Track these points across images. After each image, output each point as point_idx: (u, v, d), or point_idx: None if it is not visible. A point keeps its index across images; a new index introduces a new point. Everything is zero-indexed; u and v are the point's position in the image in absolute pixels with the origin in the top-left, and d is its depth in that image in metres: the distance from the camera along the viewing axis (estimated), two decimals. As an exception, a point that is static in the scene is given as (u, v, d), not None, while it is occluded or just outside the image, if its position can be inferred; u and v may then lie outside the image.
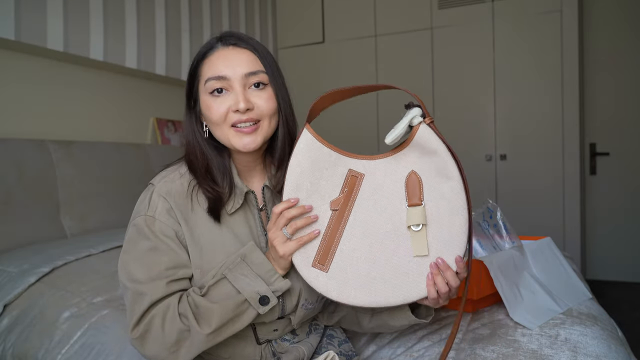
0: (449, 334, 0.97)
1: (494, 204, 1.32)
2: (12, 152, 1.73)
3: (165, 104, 2.71)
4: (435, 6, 3.27)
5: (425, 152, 0.79)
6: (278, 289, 0.80)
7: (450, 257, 0.78)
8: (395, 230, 0.80)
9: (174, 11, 2.65)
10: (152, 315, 0.80)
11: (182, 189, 0.87)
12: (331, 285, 0.79)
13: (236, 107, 0.81)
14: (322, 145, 0.83)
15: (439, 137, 0.79)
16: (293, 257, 0.81)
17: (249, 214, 0.89)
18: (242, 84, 0.83)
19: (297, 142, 0.83)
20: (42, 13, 1.90)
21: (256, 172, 0.93)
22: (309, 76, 3.60)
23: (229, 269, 0.80)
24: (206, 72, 0.84)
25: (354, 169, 0.82)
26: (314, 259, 0.80)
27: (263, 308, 0.79)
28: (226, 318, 0.79)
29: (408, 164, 0.81)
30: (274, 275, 0.80)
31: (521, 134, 3.14)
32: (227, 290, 0.79)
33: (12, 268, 1.43)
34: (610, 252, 3.39)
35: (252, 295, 0.78)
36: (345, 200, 0.81)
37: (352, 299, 0.79)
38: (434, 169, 0.79)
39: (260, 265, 0.80)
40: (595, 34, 3.33)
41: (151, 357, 0.81)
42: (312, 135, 0.83)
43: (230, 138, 0.84)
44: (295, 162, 0.82)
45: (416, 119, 0.79)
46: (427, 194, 0.79)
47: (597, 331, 0.98)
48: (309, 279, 0.80)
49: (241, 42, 0.86)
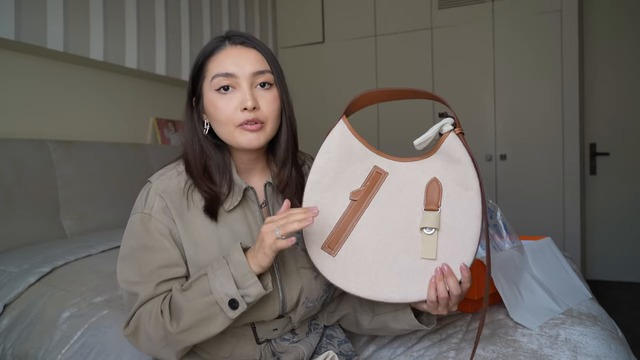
0: (476, 333, 0.98)
1: (494, 204, 1.31)
2: (12, 152, 1.73)
3: (165, 104, 2.71)
4: (435, 6, 3.27)
5: (450, 160, 0.81)
6: (249, 294, 0.75)
7: (456, 265, 0.79)
8: (408, 229, 0.81)
9: (174, 11, 2.65)
10: (140, 313, 0.81)
11: (179, 187, 0.87)
12: (336, 270, 0.81)
13: (244, 105, 0.82)
14: (355, 138, 0.86)
15: (465, 148, 0.80)
16: (305, 234, 0.82)
17: (247, 211, 0.89)
18: (249, 82, 0.84)
19: (332, 129, 0.86)
20: (42, 13, 1.90)
21: (256, 171, 0.93)
22: (309, 76, 3.60)
23: (212, 266, 0.78)
24: (213, 69, 0.84)
25: (379, 166, 0.85)
26: (324, 241, 0.82)
27: (233, 312, 0.75)
28: (196, 318, 0.76)
29: (432, 170, 0.83)
30: (250, 279, 0.75)
31: (521, 134, 3.14)
32: (203, 287, 0.77)
33: (12, 268, 1.43)
34: (610, 252, 3.39)
35: (222, 297, 0.75)
36: (365, 193, 0.84)
37: (353, 288, 0.81)
38: (455, 178, 0.81)
39: (238, 267, 0.76)
40: (595, 34, 3.33)
41: (146, 352, 0.84)
42: (347, 127, 0.87)
43: (236, 136, 0.84)
44: (326, 148, 0.85)
45: (446, 127, 0.82)
46: (445, 201, 0.81)
47: (597, 331, 0.98)
48: (316, 260, 0.82)
49: (249, 42, 0.87)
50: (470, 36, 3.21)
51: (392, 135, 3.39)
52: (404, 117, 3.33)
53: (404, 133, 3.29)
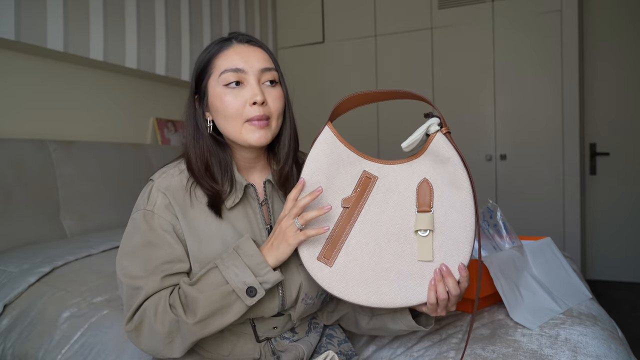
0: (467, 333, 0.97)
1: (494, 204, 1.31)
2: (12, 152, 1.73)
3: (165, 104, 2.71)
4: (435, 6, 3.27)
5: (439, 160, 0.81)
6: (266, 281, 0.79)
7: (453, 265, 0.78)
8: (403, 233, 0.81)
9: (174, 11, 2.65)
10: (145, 307, 0.81)
11: (181, 185, 0.88)
12: (334, 280, 0.80)
13: (254, 99, 0.83)
14: (341, 144, 0.85)
15: (453, 147, 0.80)
16: (300, 248, 0.82)
17: (248, 208, 0.90)
18: (257, 78, 0.85)
19: (317, 138, 0.85)
20: (42, 13, 1.90)
21: (256, 169, 0.94)
22: (309, 76, 3.60)
23: (221, 259, 0.80)
24: (222, 65, 0.86)
25: (368, 170, 0.84)
26: (320, 252, 0.81)
27: (250, 299, 0.78)
28: (213, 308, 0.78)
29: (421, 171, 0.82)
30: (265, 268, 0.79)
31: (521, 134, 3.14)
32: (216, 279, 0.79)
33: (12, 268, 1.43)
34: (610, 252, 3.39)
35: (239, 286, 0.78)
36: (357, 199, 0.83)
37: (353, 297, 0.80)
38: (446, 178, 0.81)
39: (252, 257, 0.79)
40: (595, 33, 3.33)
41: (147, 350, 0.82)
42: (332, 134, 0.85)
43: (244, 133, 0.85)
44: (313, 157, 0.84)
45: (433, 127, 0.82)
46: (437, 202, 0.80)
47: (597, 331, 0.98)
48: (312, 271, 0.81)
49: (254, 41, 0.90)
50: (470, 36, 3.21)
51: (392, 135, 3.39)
52: (404, 117, 3.32)
53: (404, 133, 3.26)
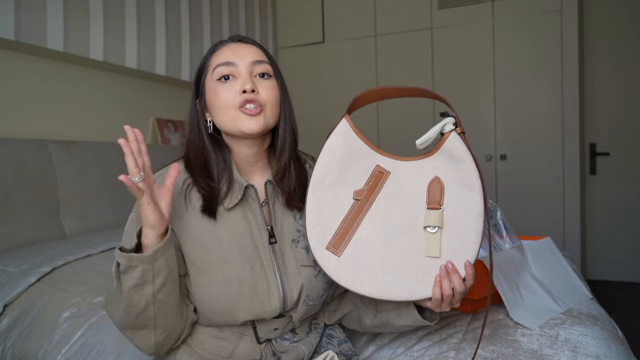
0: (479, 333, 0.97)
1: (494, 204, 1.31)
2: (12, 152, 1.73)
3: (165, 104, 2.71)
4: (435, 6, 3.28)
5: (452, 160, 0.82)
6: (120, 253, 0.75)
7: (460, 262, 0.79)
8: (412, 228, 0.82)
9: (174, 11, 2.65)
10: None
11: (177, 187, 0.88)
12: (341, 270, 0.82)
13: (243, 88, 0.84)
14: (357, 137, 0.87)
15: (467, 148, 0.81)
16: (309, 237, 0.83)
17: (247, 209, 0.89)
18: (248, 70, 0.87)
19: (334, 129, 0.87)
20: (42, 13, 1.90)
21: (257, 169, 0.94)
22: (309, 76, 3.60)
23: None
24: (215, 61, 0.88)
25: (381, 165, 0.85)
26: (329, 242, 0.83)
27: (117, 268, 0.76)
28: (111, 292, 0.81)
29: (434, 169, 0.83)
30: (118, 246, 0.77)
31: (521, 134, 3.14)
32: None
33: (12, 268, 1.43)
34: (610, 252, 3.39)
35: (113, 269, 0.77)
36: (368, 192, 0.84)
37: (359, 287, 0.81)
38: (457, 177, 0.81)
39: (121, 259, 0.75)
40: (595, 33, 3.33)
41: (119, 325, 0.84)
42: (349, 126, 0.87)
43: (237, 121, 0.85)
44: (328, 147, 0.86)
45: (448, 127, 0.83)
46: (447, 200, 0.81)
47: (597, 331, 0.98)
48: (321, 260, 0.82)
49: (248, 40, 0.92)
50: (470, 36, 3.21)
51: (392, 135, 3.39)
52: (404, 117, 3.33)
53: (403, 133, 3.29)
